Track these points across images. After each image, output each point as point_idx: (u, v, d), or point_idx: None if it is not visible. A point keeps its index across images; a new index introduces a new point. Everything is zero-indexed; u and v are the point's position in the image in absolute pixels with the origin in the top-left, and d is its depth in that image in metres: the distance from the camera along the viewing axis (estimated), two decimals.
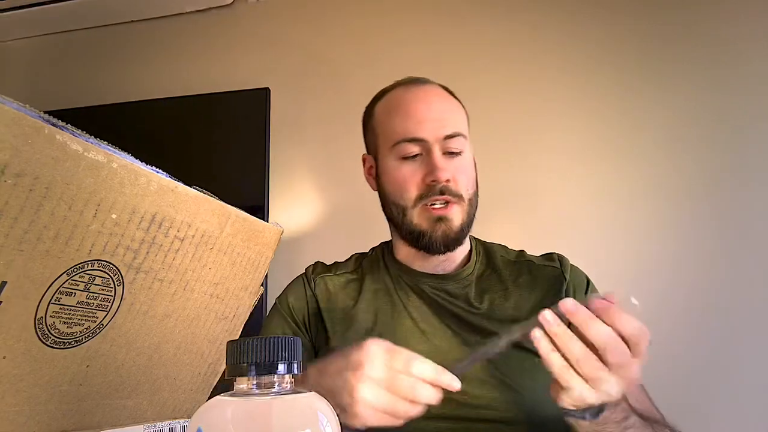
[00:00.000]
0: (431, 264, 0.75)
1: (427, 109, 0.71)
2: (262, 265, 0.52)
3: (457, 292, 0.72)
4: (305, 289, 0.77)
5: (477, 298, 0.72)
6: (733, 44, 1.35)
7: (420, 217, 0.71)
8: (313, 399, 0.29)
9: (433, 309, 0.71)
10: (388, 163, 0.74)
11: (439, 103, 0.73)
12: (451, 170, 0.70)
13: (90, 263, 0.37)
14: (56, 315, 0.36)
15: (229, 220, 0.46)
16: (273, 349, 0.29)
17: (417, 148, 0.70)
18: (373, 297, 0.74)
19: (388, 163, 0.74)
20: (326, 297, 0.75)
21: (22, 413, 0.37)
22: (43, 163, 0.32)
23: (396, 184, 0.72)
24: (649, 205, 1.34)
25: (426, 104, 0.72)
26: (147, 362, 0.45)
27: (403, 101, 0.74)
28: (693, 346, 1.24)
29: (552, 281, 0.73)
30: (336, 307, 0.73)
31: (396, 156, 0.72)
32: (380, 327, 0.70)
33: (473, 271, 0.75)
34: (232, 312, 0.51)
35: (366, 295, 0.74)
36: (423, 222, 0.71)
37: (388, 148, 0.73)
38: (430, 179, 0.69)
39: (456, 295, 0.72)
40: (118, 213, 0.37)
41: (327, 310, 0.73)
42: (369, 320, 0.71)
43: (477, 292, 0.73)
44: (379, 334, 0.71)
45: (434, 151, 0.70)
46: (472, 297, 0.72)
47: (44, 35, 1.88)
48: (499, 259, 0.78)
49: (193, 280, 0.45)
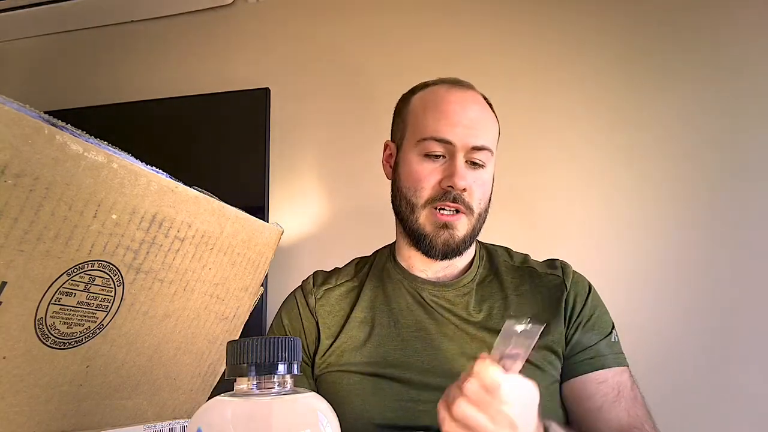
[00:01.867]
0: (433, 269, 0.74)
1: (462, 114, 0.70)
2: (262, 265, 0.52)
3: (457, 299, 0.72)
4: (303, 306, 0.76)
5: (476, 306, 0.72)
6: (734, 45, 1.35)
7: (426, 219, 0.70)
8: (313, 399, 0.29)
9: (431, 317, 0.71)
10: (410, 156, 0.72)
11: (476, 112, 0.72)
12: (470, 181, 0.69)
13: (90, 263, 0.37)
14: (56, 315, 0.36)
15: (229, 221, 0.46)
16: (273, 350, 0.29)
17: (442, 149, 0.69)
18: (371, 305, 0.73)
19: (409, 157, 0.72)
20: (327, 311, 0.74)
21: (22, 413, 0.37)
22: (43, 163, 0.32)
23: (412, 180, 0.71)
24: (649, 206, 1.34)
25: (463, 109, 0.71)
26: (147, 362, 0.45)
27: (442, 100, 0.72)
28: (693, 346, 1.24)
29: (553, 291, 0.73)
30: (334, 316, 0.73)
31: (419, 151, 0.71)
32: (377, 336, 0.70)
33: (474, 277, 0.75)
34: (232, 312, 0.51)
35: (363, 303, 0.73)
36: (428, 225, 0.70)
37: (414, 141, 0.72)
38: (447, 184, 0.68)
39: (455, 303, 0.72)
40: (119, 213, 0.37)
41: (325, 326, 0.73)
42: (365, 329, 0.71)
43: (477, 300, 0.72)
44: (376, 343, 0.71)
45: (458, 157, 0.69)
46: (471, 305, 0.71)
47: (44, 35, 1.88)
48: (501, 264, 0.78)
49: (193, 280, 0.45)
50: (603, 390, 0.66)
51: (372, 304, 0.73)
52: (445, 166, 0.69)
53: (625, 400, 0.66)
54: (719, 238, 1.28)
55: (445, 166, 0.69)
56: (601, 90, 1.43)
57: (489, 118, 0.74)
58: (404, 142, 0.74)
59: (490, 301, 0.72)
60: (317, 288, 0.76)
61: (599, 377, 0.67)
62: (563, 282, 0.73)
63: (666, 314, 1.27)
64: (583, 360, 0.68)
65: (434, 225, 0.69)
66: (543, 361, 0.67)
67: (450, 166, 0.69)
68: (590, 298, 0.73)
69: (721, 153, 1.32)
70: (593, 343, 0.69)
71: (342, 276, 0.79)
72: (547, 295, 0.72)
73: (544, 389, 0.65)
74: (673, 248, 1.30)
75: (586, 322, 0.71)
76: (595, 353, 0.68)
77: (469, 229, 0.71)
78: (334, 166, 1.57)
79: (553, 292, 0.73)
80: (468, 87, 0.75)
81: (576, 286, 0.74)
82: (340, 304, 0.75)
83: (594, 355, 0.68)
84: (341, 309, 0.74)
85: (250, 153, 1.58)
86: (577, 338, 0.69)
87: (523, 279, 0.75)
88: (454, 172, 0.68)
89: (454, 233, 0.69)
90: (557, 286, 0.73)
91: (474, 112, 0.71)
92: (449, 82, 0.75)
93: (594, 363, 0.68)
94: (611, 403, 0.65)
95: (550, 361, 0.68)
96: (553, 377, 0.68)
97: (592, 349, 0.68)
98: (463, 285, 0.73)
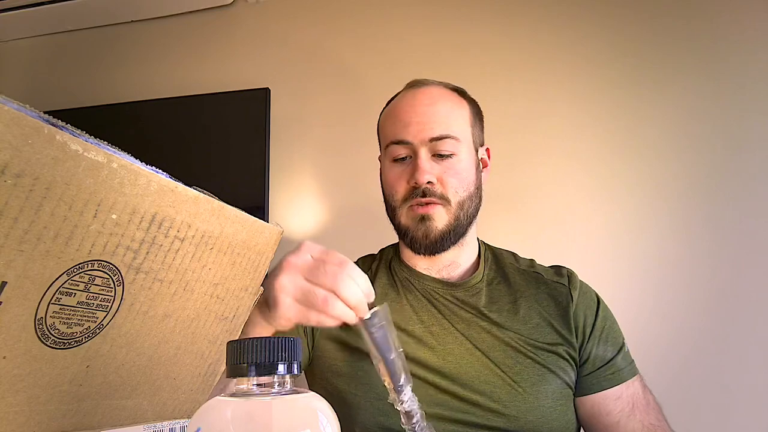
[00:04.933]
0: (435, 267, 0.75)
1: (413, 113, 0.72)
2: (262, 265, 0.52)
3: (467, 299, 0.72)
4: None
5: (486, 307, 0.72)
6: (734, 44, 1.35)
7: (406, 217, 0.73)
8: (313, 399, 0.29)
9: (443, 314, 0.71)
10: (384, 164, 0.77)
11: (429, 106, 0.72)
12: (437, 172, 0.70)
13: (90, 263, 0.37)
14: (56, 315, 0.36)
15: (229, 221, 0.46)
16: (273, 350, 0.29)
17: (405, 151, 0.72)
18: (380, 300, 0.74)
19: (384, 164, 0.77)
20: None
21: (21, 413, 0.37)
22: (43, 163, 0.32)
23: (388, 185, 0.75)
24: (649, 206, 1.34)
25: (413, 108, 0.73)
26: (147, 362, 0.45)
27: (396, 105, 0.76)
28: (693, 346, 1.24)
29: (560, 299, 0.73)
30: None
31: (389, 157, 0.75)
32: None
33: (483, 278, 0.75)
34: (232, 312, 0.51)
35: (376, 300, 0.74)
36: (408, 221, 0.73)
37: (384, 150, 0.77)
38: (413, 182, 0.71)
39: (466, 302, 0.72)
40: (118, 213, 0.37)
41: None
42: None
43: (487, 301, 0.73)
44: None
45: (420, 153, 0.71)
46: (482, 305, 0.72)
47: (44, 35, 1.88)
48: (508, 267, 0.78)
49: (193, 280, 0.45)
50: (620, 406, 0.68)
51: (382, 300, 0.73)
52: (410, 165, 0.72)
53: (639, 411, 0.67)
54: (719, 237, 1.28)
55: (410, 165, 0.72)
56: (602, 90, 1.43)
57: (449, 107, 0.74)
58: (381, 154, 0.79)
59: (500, 303, 0.73)
60: None
61: (617, 393, 0.68)
62: (570, 293, 0.74)
63: (666, 312, 1.27)
64: (604, 376, 0.69)
65: (413, 220, 0.72)
66: (555, 366, 0.68)
67: (413, 164, 0.71)
68: (600, 310, 0.73)
69: (723, 149, 1.32)
70: (611, 356, 0.70)
71: None
72: (554, 303, 0.73)
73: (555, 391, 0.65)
74: (672, 248, 1.30)
75: (600, 335, 0.71)
76: (614, 369, 0.70)
77: (449, 219, 0.71)
78: (334, 166, 1.57)
79: (560, 300, 0.73)
80: (424, 84, 0.77)
81: (584, 297, 0.74)
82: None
83: (614, 371, 0.70)
84: None
85: (250, 153, 1.58)
86: (595, 352, 0.70)
87: (530, 283, 0.75)
88: (416, 169, 0.70)
89: (431, 224, 0.71)
90: (564, 295, 0.73)
91: (426, 106, 0.73)
92: (408, 86, 0.78)
93: (613, 379, 0.69)
94: (627, 417, 0.67)
95: (561, 367, 0.68)
96: (564, 382, 0.68)
97: (612, 365, 0.70)
98: (472, 285, 0.74)
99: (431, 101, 0.74)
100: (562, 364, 0.69)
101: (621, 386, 0.69)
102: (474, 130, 0.76)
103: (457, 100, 0.76)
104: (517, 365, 0.67)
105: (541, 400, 0.65)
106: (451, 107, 0.74)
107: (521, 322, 0.70)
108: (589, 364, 0.70)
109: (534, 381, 0.66)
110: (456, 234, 0.72)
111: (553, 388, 0.67)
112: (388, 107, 0.80)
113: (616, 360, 0.71)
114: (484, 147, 0.80)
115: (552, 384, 0.67)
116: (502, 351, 0.68)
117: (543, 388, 0.66)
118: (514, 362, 0.67)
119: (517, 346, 0.68)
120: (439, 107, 0.73)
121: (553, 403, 0.66)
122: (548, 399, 0.66)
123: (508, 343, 0.68)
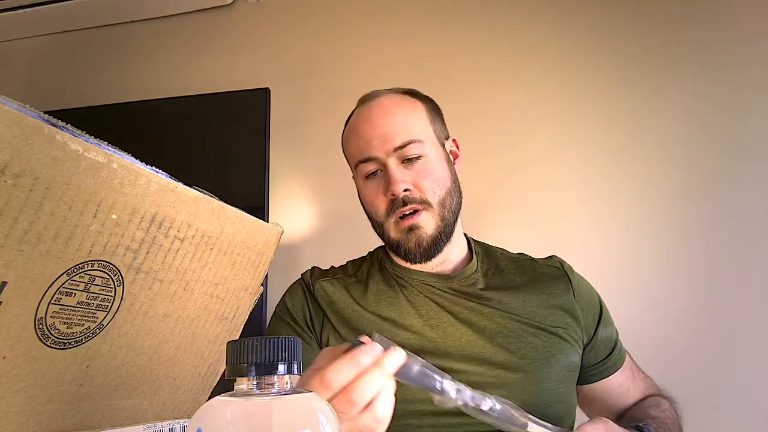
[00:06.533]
0: (429, 265, 0.75)
1: (371, 127, 0.72)
2: (262, 265, 0.52)
3: (465, 289, 0.73)
4: (304, 292, 0.77)
5: (486, 293, 0.72)
6: (734, 44, 1.35)
7: (394, 230, 0.72)
8: (313, 399, 0.29)
9: (442, 306, 0.71)
10: (358, 182, 0.77)
11: (383, 118, 0.72)
12: (411, 178, 0.70)
13: (90, 263, 0.37)
14: (56, 315, 0.36)
15: (228, 221, 0.46)
16: (273, 350, 0.29)
17: (374, 166, 0.72)
18: (377, 298, 0.73)
19: (358, 183, 0.77)
20: (327, 300, 0.74)
21: (22, 413, 0.37)
22: (43, 163, 0.32)
23: (367, 203, 0.75)
24: (648, 206, 1.34)
25: (369, 122, 0.73)
26: (147, 362, 0.45)
27: (354, 123, 0.76)
28: (693, 346, 1.24)
29: (557, 282, 0.75)
30: (340, 309, 0.73)
31: (361, 176, 0.75)
32: (389, 327, 0.70)
33: (477, 268, 0.76)
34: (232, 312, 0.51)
35: (370, 297, 0.74)
36: (398, 234, 0.72)
37: (354, 170, 0.76)
38: (389, 194, 0.71)
39: (464, 292, 0.72)
40: (118, 213, 0.37)
41: (331, 312, 0.73)
42: (377, 321, 0.71)
43: (485, 288, 0.73)
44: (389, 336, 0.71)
45: (389, 164, 0.70)
46: (481, 293, 0.72)
47: (44, 35, 1.88)
48: (500, 258, 0.79)
49: (193, 280, 0.45)
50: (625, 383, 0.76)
51: (378, 297, 0.74)
52: (383, 178, 0.72)
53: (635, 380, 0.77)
54: (719, 237, 1.28)
55: (383, 178, 0.72)
56: (601, 90, 1.43)
57: (404, 112, 0.74)
58: (353, 174, 0.78)
59: (498, 290, 0.73)
60: (315, 280, 0.77)
61: (624, 371, 0.76)
62: (567, 277, 0.76)
63: (665, 312, 1.27)
64: (615, 362, 0.75)
65: (402, 232, 0.71)
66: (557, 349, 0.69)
67: (386, 177, 0.71)
68: (594, 293, 0.78)
69: (722, 150, 1.32)
70: (615, 338, 0.76)
71: (339, 272, 0.80)
72: (551, 286, 0.74)
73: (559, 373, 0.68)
74: (672, 248, 1.30)
75: (601, 317, 0.75)
76: (618, 351, 0.76)
77: (437, 221, 0.71)
78: (333, 165, 1.57)
79: (557, 284, 0.75)
80: (375, 96, 0.77)
81: (581, 282, 0.77)
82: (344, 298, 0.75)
83: (619, 355, 0.76)
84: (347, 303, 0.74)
85: (250, 153, 1.58)
86: (605, 334, 0.75)
87: (525, 269, 0.77)
88: (389, 181, 0.70)
89: (420, 232, 0.70)
90: (560, 277, 0.76)
91: (381, 119, 0.73)
92: (360, 102, 0.78)
93: (618, 362, 0.75)
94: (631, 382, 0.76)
95: (563, 349, 0.70)
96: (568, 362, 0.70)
97: (617, 348, 0.76)
98: (467, 276, 0.74)
99: (385, 112, 0.73)
100: (564, 346, 0.69)
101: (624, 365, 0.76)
102: (435, 126, 0.76)
103: (411, 104, 0.76)
104: (522, 348, 0.67)
105: (545, 382, 0.66)
106: (407, 112, 0.74)
107: (521, 306, 0.71)
108: (605, 347, 0.74)
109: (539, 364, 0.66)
110: (446, 233, 0.72)
111: (557, 371, 0.67)
112: (347, 128, 0.79)
113: (619, 342, 0.76)
114: (450, 140, 0.79)
115: (555, 367, 0.67)
116: (504, 336, 0.68)
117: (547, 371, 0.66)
118: (518, 345, 0.67)
119: (520, 330, 0.68)
120: (395, 116, 0.73)
121: (557, 385, 0.66)
122: (552, 381, 0.66)
123: (511, 328, 0.68)
